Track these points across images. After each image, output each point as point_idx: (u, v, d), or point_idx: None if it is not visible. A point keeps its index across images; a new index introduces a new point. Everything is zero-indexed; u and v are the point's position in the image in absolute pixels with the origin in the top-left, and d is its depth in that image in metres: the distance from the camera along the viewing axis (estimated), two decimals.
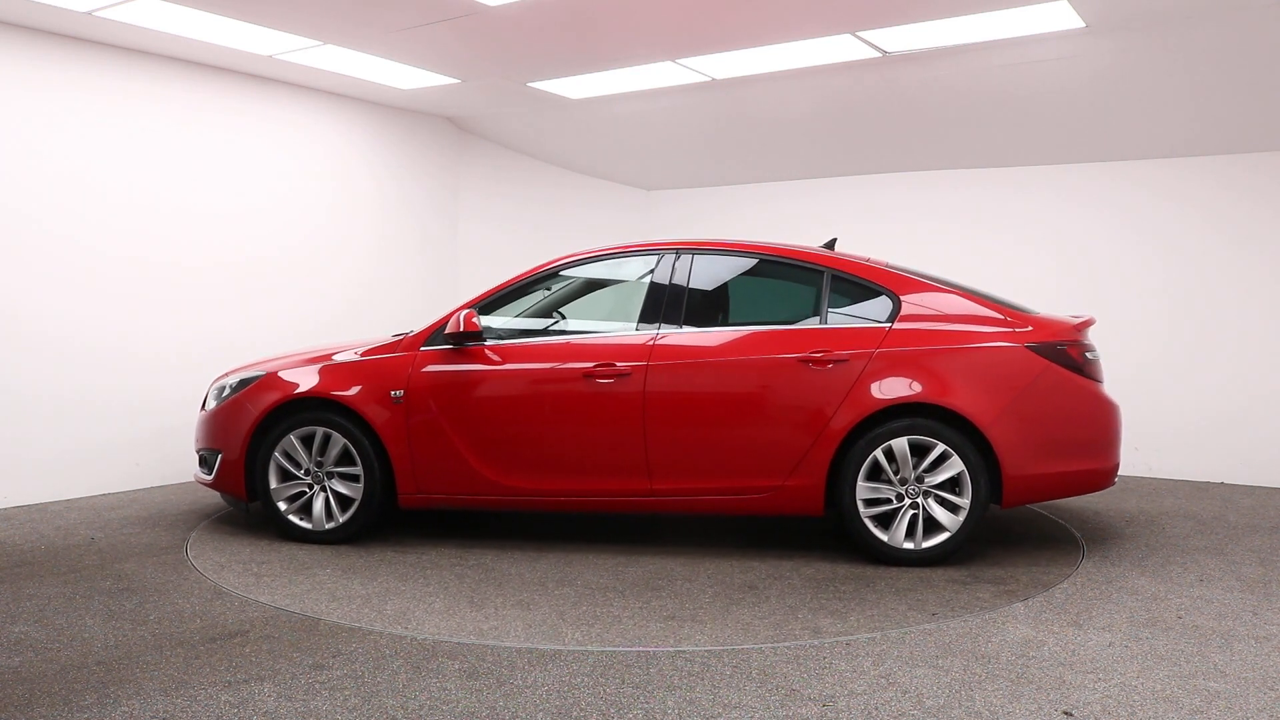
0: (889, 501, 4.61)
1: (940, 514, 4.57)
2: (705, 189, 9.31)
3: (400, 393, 4.97)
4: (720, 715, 2.96)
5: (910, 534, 4.60)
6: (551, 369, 4.89)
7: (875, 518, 4.62)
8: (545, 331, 5.15)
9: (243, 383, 5.25)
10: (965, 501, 4.54)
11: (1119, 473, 4.96)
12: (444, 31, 5.79)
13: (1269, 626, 3.77)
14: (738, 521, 5.56)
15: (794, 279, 4.99)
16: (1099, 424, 4.70)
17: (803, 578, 4.44)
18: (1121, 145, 7.05)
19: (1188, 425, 7.00)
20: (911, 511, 4.60)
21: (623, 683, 3.20)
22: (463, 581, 4.43)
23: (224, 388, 5.34)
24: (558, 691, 3.13)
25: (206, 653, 3.47)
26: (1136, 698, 3.08)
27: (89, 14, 5.56)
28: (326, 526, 5.06)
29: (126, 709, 3.00)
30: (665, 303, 4.90)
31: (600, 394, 4.79)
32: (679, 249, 5.04)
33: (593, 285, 5.37)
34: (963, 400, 4.53)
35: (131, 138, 6.33)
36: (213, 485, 5.29)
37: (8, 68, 5.76)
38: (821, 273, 4.87)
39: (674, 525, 5.49)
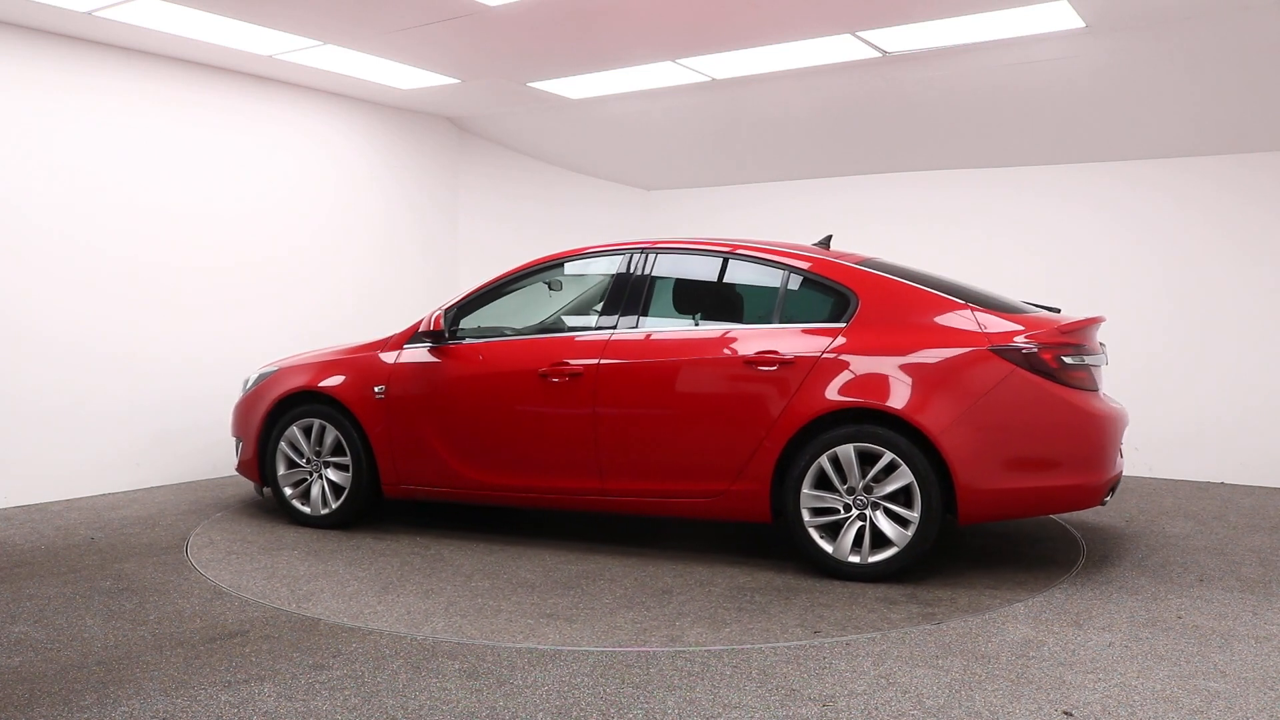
0: (836, 511, 4.36)
1: (887, 527, 4.27)
2: (705, 189, 9.31)
3: (382, 388, 5.24)
4: (720, 715, 2.96)
5: (858, 547, 4.33)
6: (512, 367, 4.98)
7: (823, 527, 4.39)
8: (515, 330, 5.23)
9: (261, 376, 5.71)
10: (915, 515, 4.23)
11: (1111, 490, 4.48)
12: (444, 31, 5.79)
13: (1269, 626, 3.77)
14: (728, 525, 5.54)
15: (755, 277, 4.85)
16: (1077, 436, 4.27)
17: (730, 586, 4.31)
18: (1121, 145, 7.05)
19: (1188, 425, 7.00)
20: (859, 523, 4.33)
21: (623, 683, 3.21)
22: (401, 569, 4.62)
23: (248, 380, 5.84)
24: (558, 691, 3.13)
25: (206, 653, 3.47)
26: (1136, 698, 3.08)
27: (89, 14, 5.56)
28: (322, 512, 5.41)
29: (126, 709, 3.00)
30: (624, 303, 4.89)
31: (556, 393, 4.83)
32: (643, 248, 5.02)
33: (565, 286, 5.45)
34: (913, 406, 4.22)
35: (131, 138, 6.33)
36: (238, 470, 5.75)
37: (8, 68, 5.77)
38: (783, 270, 4.71)
39: (653, 526, 5.49)
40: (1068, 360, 4.30)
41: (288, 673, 3.28)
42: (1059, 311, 4.91)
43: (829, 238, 5.36)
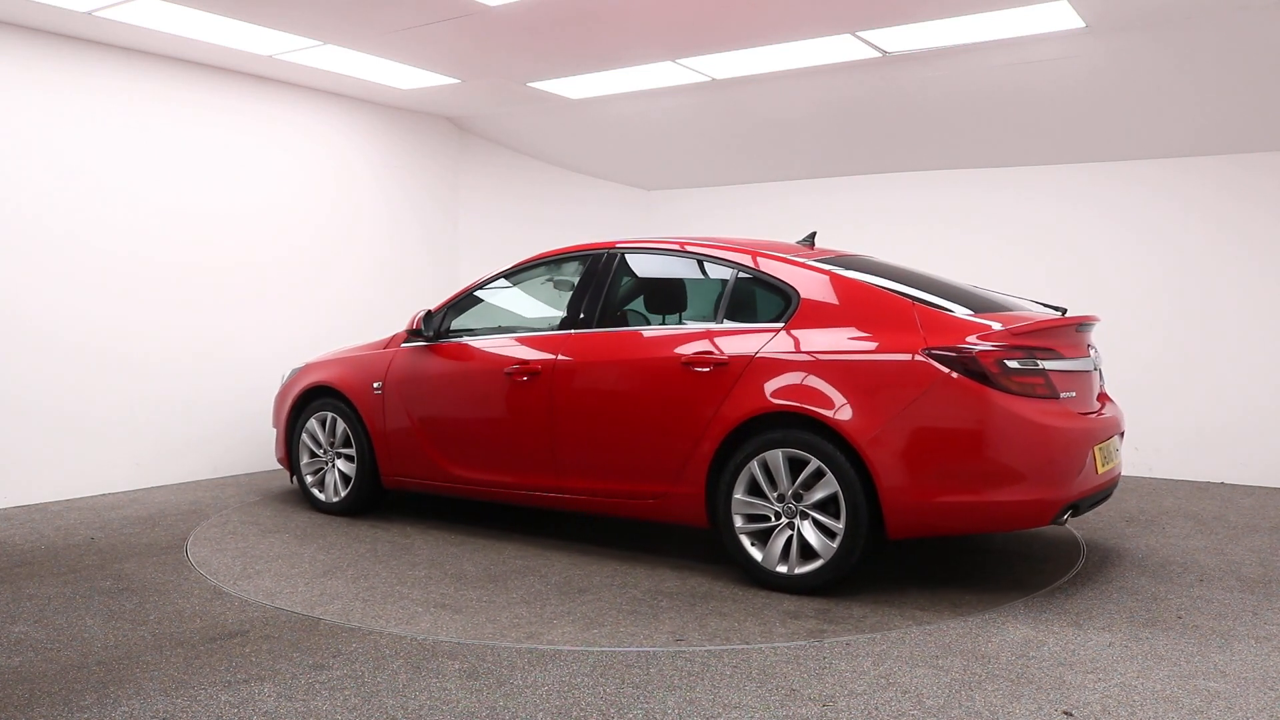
0: (768, 518, 4.21)
1: (812, 537, 4.10)
2: (705, 189, 9.31)
3: (379, 384, 5.51)
4: (720, 715, 2.96)
5: (786, 557, 4.16)
6: (483, 365, 5.11)
7: (755, 534, 4.25)
8: (493, 330, 5.31)
9: (293, 371, 6.13)
10: (841, 526, 4.03)
11: (1073, 509, 4.13)
12: (444, 31, 5.79)
13: (1269, 626, 3.78)
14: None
15: (708, 276, 4.78)
16: (1020, 448, 3.89)
17: (650, 589, 4.26)
18: (1121, 145, 7.05)
19: (1188, 425, 7.00)
20: (788, 532, 4.17)
21: (623, 683, 3.21)
22: (361, 557, 4.81)
23: (283, 375, 6.28)
24: (558, 691, 3.13)
25: (206, 653, 3.47)
26: (1136, 698, 3.08)
27: (89, 14, 5.56)
28: (334, 500, 5.76)
29: (126, 709, 3.00)
30: (585, 302, 4.93)
31: (519, 391, 4.94)
32: (610, 249, 5.04)
33: (545, 286, 5.52)
34: (838, 410, 4.02)
35: (132, 138, 6.32)
36: (278, 460, 6.14)
37: (8, 68, 5.76)
38: (729, 268, 4.60)
39: (640, 527, 5.48)
40: (1012, 365, 3.95)
41: (288, 673, 3.29)
42: (1064, 312, 4.82)
43: (813, 235, 5.31)
